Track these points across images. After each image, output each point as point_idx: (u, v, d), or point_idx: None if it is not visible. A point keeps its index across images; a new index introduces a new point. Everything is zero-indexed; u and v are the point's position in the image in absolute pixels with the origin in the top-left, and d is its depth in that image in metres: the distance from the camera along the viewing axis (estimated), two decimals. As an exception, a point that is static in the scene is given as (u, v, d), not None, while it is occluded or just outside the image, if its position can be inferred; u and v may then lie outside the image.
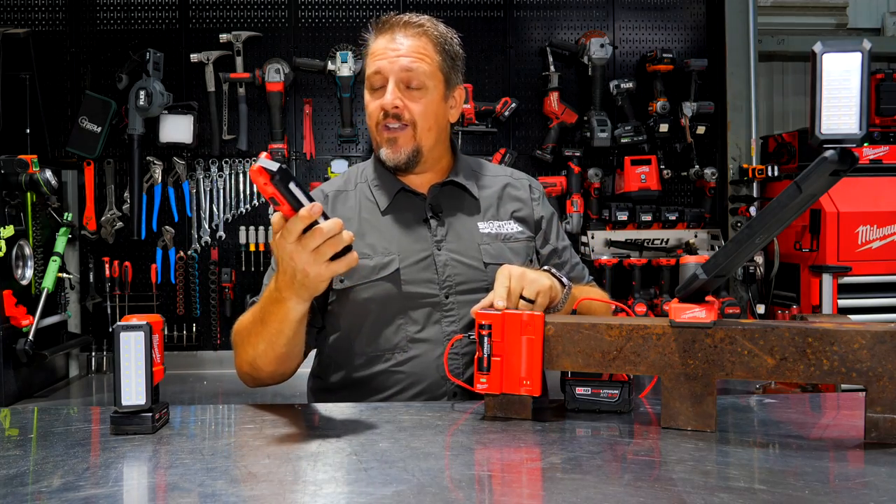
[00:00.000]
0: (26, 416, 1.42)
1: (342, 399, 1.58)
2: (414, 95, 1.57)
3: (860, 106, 1.06)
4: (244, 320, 1.52)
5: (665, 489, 0.96)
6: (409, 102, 1.56)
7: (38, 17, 3.28)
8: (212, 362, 3.28)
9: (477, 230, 1.63)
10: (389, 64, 1.56)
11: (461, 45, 1.68)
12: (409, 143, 1.59)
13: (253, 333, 1.45)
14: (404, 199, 1.64)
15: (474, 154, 3.28)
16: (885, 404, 1.13)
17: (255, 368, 1.50)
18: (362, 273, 1.56)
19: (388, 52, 1.56)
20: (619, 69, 3.44)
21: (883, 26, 4.28)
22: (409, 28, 1.58)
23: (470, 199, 1.67)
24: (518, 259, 1.62)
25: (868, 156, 3.12)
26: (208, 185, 3.27)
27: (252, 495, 0.96)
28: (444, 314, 1.56)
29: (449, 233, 1.61)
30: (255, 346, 1.45)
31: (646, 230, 3.31)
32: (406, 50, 1.56)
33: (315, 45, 3.32)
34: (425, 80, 1.57)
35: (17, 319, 2.60)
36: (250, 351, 1.47)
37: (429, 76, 1.57)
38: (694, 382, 1.21)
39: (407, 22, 1.58)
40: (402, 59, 1.55)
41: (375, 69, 1.57)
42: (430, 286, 1.56)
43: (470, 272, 1.58)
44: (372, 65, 1.58)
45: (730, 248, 1.16)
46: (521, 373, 1.28)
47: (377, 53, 1.58)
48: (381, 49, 1.57)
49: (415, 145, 1.59)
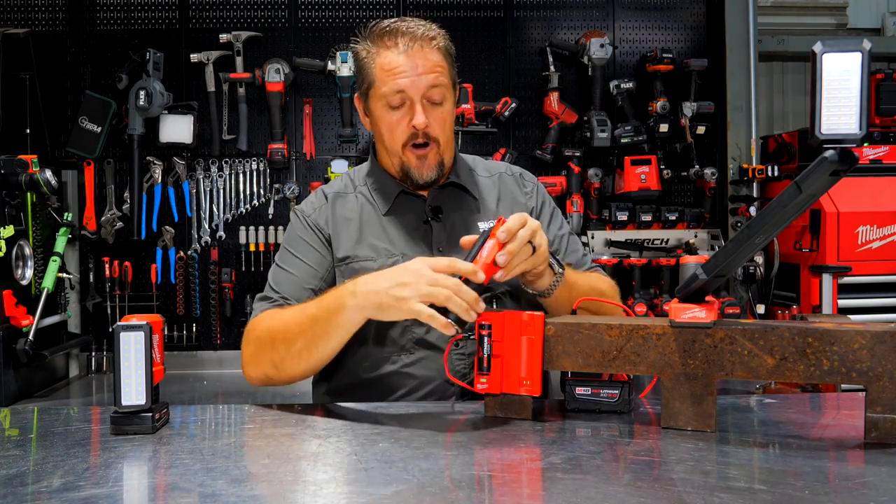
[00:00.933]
0: (26, 416, 1.42)
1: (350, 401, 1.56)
2: (436, 112, 1.56)
3: (860, 106, 1.06)
4: (276, 320, 1.50)
5: (665, 489, 0.96)
6: (432, 120, 1.56)
7: (38, 17, 3.28)
8: (212, 362, 3.28)
9: (477, 230, 1.63)
10: (413, 84, 1.52)
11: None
12: (436, 158, 1.59)
13: (295, 331, 1.45)
14: (405, 201, 1.64)
15: (474, 154, 3.29)
16: (885, 404, 1.13)
17: (278, 369, 1.49)
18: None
19: (406, 70, 1.52)
20: (619, 69, 3.44)
21: (883, 26, 4.28)
22: (424, 43, 1.54)
23: (469, 198, 1.67)
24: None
25: (868, 156, 3.12)
26: (208, 185, 3.27)
27: (252, 495, 0.96)
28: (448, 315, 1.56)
29: (450, 234, 1.61)
30: (290, 346, 1.45)
31: (646, 230, 3.31)
32: (427, 67, 1.53)
33: (315, 45, 3.32)
34: (445, 93, 1.57)
35: (17, 319, 2.60)
36: (281, 350, 1.47)
37: (447, 89, 1.57)
38: (694, 382, 1.21)
39: (422, 36, 1.54)
40: (424, 78, 1.52)
41: (398, 89, 1.53)
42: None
43: None
44: (390, 83, 1.53)
45: (730, 248, 1.16)
46: (521, 373, 1.28)
47: (395, 71, 1.53)
48: (398, 65, 1.53)
49: (440, 160, 1.60)
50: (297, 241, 1.63)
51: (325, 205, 1.65)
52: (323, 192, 1.69)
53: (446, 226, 1.62)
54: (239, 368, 1.57)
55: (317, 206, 1.66)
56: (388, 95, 1.54)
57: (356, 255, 1.59)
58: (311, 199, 1.69)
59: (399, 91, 1.53)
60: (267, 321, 1.52)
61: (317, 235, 1.62)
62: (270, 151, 3.24)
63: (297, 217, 1.67)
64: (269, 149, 3.24)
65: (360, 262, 1.58)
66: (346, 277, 1.51)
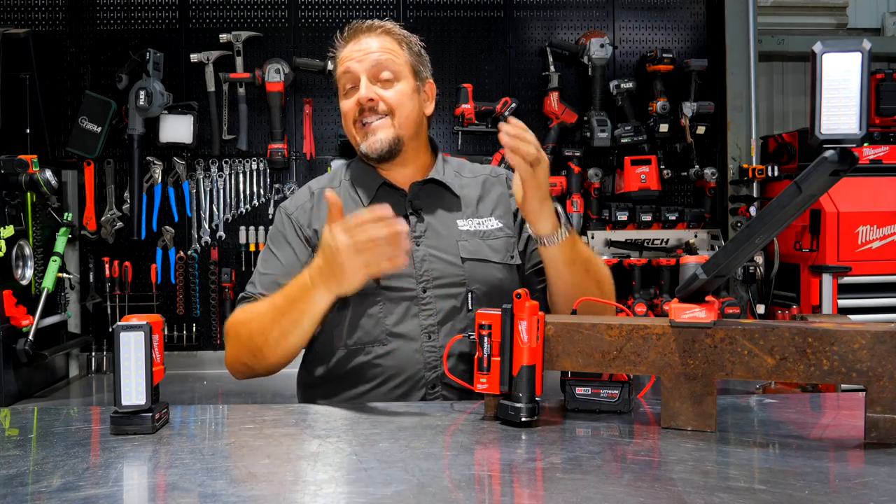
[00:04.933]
0: (26, 416, 1.42)
1: (326, 392, 1.63)
2: (386, 85, 1.63)
3: (860, 106, 1.06)
4: (249, 312, 1.57)
5: (665, 489, 0.96)
6: (383, 92, 1.63)
7: (38, 17, 3.28)
8: (212, 362, 3.27)
9: (456, 227, 1.67)
10: (358, 63, 1.63)
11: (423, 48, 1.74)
12: (389, 131, 1.63)
13: (268, 322, 1.51)
14: (386, 194, 1.67)
15: (474, 154, 3.29)
16: (885, 404, 1.13)
17: (257, 358, 1.54)
18: None
19: (354, 54, 1.63)
20: (619, 69, 3.44)
21: (883, 26, 4.28)
22: (372, 30, 1.66)
23: (450, 196, 1.71)
24: (496, 255, 1.66)
25: (868, 156, 3.12)
26: (208, 185, 3.27)
27: (252, 495, 0.96)
28: (422, 308, 1.59)
29: (428, 229, 1.65)
30: (267, 334, 1.51)
31: (646, 230, 3.31)
32: (374, 48, 1.63)
33: (315, 45, 3.32)
34: (395, 68, 1.63)
35: (17, 319, 2.60)
36: (258, 339, 1.52)
37: (398, 65, 1.64)
38: (694, 382, 1.21)
39: (370, 26, 1.67)
40: (371, 56, 1.62)
41: (345, 69, 1.64)
42: (408, 280, 1.59)
43: (447, 267, 1.61)
44: (342, 68, 1.65)
45: (730, 248, 1.16)
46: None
47: (346, 57, 1.65)
48: (348, 52, 1.65)
49: (395, 134, 1.64)
50: (277, 239, 1.69)
51: (309, 201, 1.70)
52: (309, 188, 1.74)
53: (425, 220, 1.66)
54: (239, 368, 1.59)
55: (300, 204, 1.70)
56: (341, 79, 1.66)
57: None
58: (297, 196, 1.74)
59: (347, 72, 1.64)
60: (241, 315, 1.58)
61: (297, 234, 1.67)
62: (270, 151, 3.24)
63: (280, 214, 1.72)
64: (269, 149, 3.24)
65: None
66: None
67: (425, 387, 1.58)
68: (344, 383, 1.61)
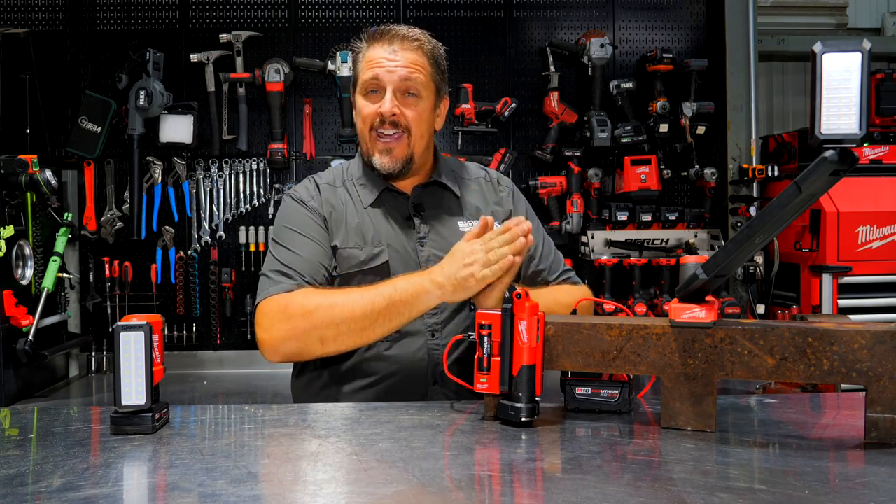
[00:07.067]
0: (26, 416, 1.42)
1: (326, 385, 1.64)
2: (409, 103, 1.65)
3: (860, 106, 1.06)
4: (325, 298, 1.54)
5: (665, 489, 0.96)
6: (405, 109, 1.64)
7: (38, 17, 3.28)
8: (212, 362, 3.27)
9: (457, 228, 1.70)
10: (388, 73, 1.63)
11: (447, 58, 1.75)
12: (404, 150, 1.66)
13: (359, 315, 1.50)
14: (389, 197, 1.70)
15: (474, 154, 3.29)
16: (885, 404, 1.13)
17: (324, 344, 1.53)
18: (353, 263, 1.63)
19: (385, 62, 1.63)
20: (619, 69, 3.44)
21: (883, 26, 4.27)
22: (406, 41, 1.65)
23: (452, 198, 1.74)
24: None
25: (868, 156, 3.12)
26: (208, 185, 3.27)
27: (252, 495, 0.96)
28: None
29: (431, 231, 1.68)
30: (353, 323, 1.51)
31: (646, 230, 3.31)
32: (404, 62, 1.63)
33: (315, 45, 3.32)
34: (420, 88, 1.65)
35: (17, 319, 2.60)
36: (342, 327, 1.51)
37: (424, 86, 1.66)
38: (694, 382, 1.21)
39: (405, 35, 1.65)
40: (400, 70, 1.63)
41: (373, 75, 1.63)
42: None
43: None
44: (368, 71, 1.64)
45: (730, 248, 1.16)
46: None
47: (375, 61, 1.64)
48: (378, 57, 1.64)
49: (409, 153, 1.66)
50: (302, 222, 1.67)
51: (318, 193, 1.72)
52: (315, 182, 1.75)
53: (428, 222, 1.69)
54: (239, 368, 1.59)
55: (312, 193, 1.71)
56: (365, 82, 1.66)
57: (345, 244, 1.65)
58: (306, 185, 1.75)
59: (374, 78, 1.64)
60: (312, 298, 1.55)
61: (320, 217, 1.68)
62: (270, 151, 3.24)
63: (294, 201, 1.71)
64: (269, 149, 3.25)
65: (349, 249, 1.64)
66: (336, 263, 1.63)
67: (427, 384, 1.61)
68: (347, 377, 1.63)
